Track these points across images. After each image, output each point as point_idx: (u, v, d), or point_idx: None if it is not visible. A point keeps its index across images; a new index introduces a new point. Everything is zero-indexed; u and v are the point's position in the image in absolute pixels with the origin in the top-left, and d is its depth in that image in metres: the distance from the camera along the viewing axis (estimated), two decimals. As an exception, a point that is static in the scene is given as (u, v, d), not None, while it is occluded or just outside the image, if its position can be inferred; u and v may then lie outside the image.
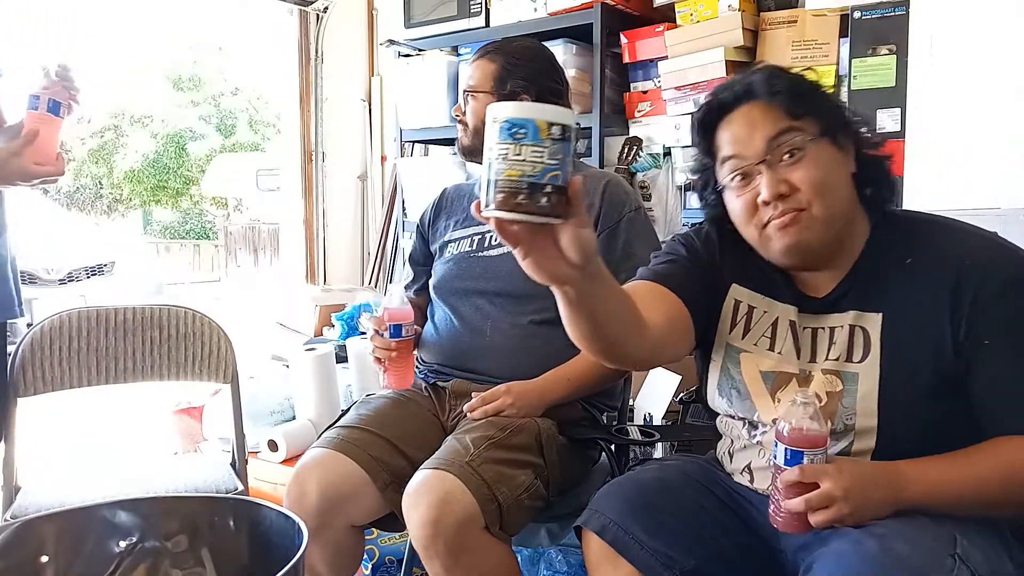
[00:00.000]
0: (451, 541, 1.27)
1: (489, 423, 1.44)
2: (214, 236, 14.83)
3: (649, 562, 1.08)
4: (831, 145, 1.06)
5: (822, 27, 2.35)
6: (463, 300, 1.63)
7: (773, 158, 1.04)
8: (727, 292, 1.18)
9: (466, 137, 1.68)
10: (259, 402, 2.51)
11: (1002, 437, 0.99)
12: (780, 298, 1.15)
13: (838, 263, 1.10)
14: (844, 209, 1.07)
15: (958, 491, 0.97)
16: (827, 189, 1.04)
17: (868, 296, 1.07)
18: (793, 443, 0.97)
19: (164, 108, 15.99)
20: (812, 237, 1.04)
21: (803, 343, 1.12)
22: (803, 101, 1.06)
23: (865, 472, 0.99)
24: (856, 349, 1.07)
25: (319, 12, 3.71)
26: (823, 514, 0.95)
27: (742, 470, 1.17)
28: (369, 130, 3.84)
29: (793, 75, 1.09)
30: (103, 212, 16.72)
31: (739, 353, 1.17)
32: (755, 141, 1.05)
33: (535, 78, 1.64)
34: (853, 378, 1.06)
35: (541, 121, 0.77)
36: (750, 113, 1.07)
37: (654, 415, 2.04)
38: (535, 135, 0.77)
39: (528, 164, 0.77)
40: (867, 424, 1.04)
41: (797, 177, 1.03)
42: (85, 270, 5.28)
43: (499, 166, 0.77)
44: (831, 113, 1.07)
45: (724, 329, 1.18)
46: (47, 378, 1.69)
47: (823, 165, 1.04)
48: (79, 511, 1.07)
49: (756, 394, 1.14)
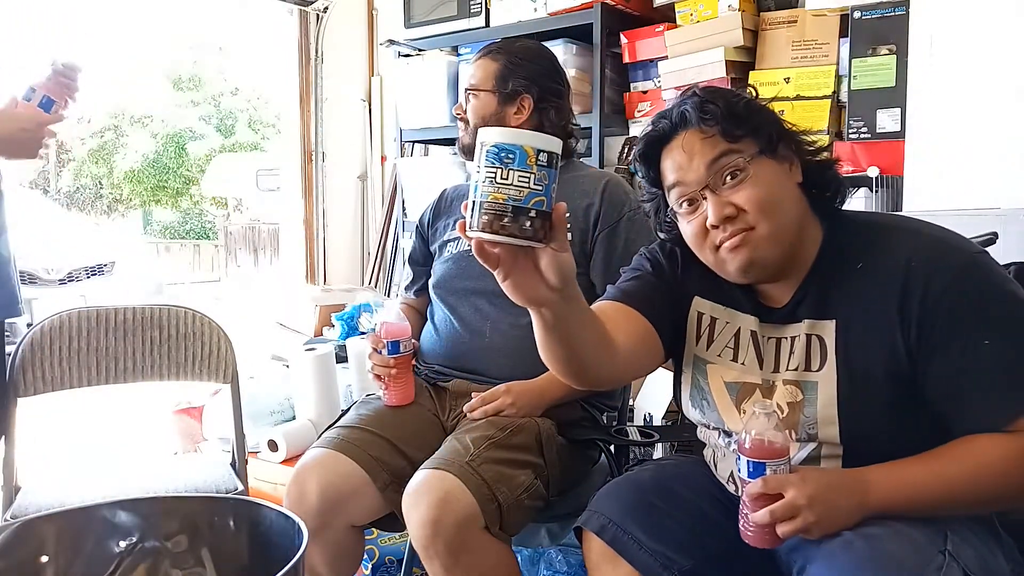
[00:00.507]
0: (451, 541, 1.27)
1: (489, 423, 1.45)
2: (214, 236, 14.83)
3: (648, 562, 1.08)
4: (771, 160, 1.06)
5: (822, 27, 2.35)
6: (462, 300, 1.63)
7: (715, 182, 1.05)
8: (691, 305, 1.19)
9: (467, 136, 1.68)
10: (259, 402, 2.51)
11: (968, 436, 0.98)
12: (740, 308, 1.15)
13: (793, 272, 1.10)
14: (793, 222, 1.06)
15: (926, 494, 0.96)
16: (772, 206, 1.04)
17: (821, 304, 1.07)
18: (755, 455, 0.97)
19: (164, 108, 15.99)
20: (763, 255, 1.05)
21: (766, 353, 1.12)
22: (738, 123, 1.05)
23: (830, 479, 0.98)
24: (814, 358, 1.06)
25: (319, 12, 3.71)
26: (789, 524, 0.95)
27: (727, 479, 1.18)
28: (369, 130, 3.85)
29: (726, 96, 1.08)
30: (103, 212, 16.73)
31: (706, 364, 1.17)
32: (695, 168, 1.06)
33: (536, 78, 1.64)
34: (813, 387, 1.06)
35: (529, 147, 0.80)
36: (687, 140, 1.07)
37: (654, 415, 2.04)
38: (522, 161, 0.80)
39: (514, 188, 0.80)
40: (829, 433, 1.04)
41: (741, 198, 1.04)
42: (85, 270, 5.28)
43: (485, 189, 0.81)
44: (768, 129, 1.07)
45: (691, 341, 1.19)
46: (47, 378, 1.69)
47: (765, 183, 1.04)
48: (79, 511, 1.07)
49: (722, 405, 1.14)
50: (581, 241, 1.59)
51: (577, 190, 1.62)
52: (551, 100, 1.66)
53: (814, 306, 1.07)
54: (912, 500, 0.96)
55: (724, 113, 1.05)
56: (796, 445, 1.06)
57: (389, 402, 1.56)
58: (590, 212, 1.60)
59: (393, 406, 1.56)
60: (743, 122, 1.05)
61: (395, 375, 1.54)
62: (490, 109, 1.64)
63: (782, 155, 1.07)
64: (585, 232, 1.59)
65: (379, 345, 1.55)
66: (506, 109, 1.64)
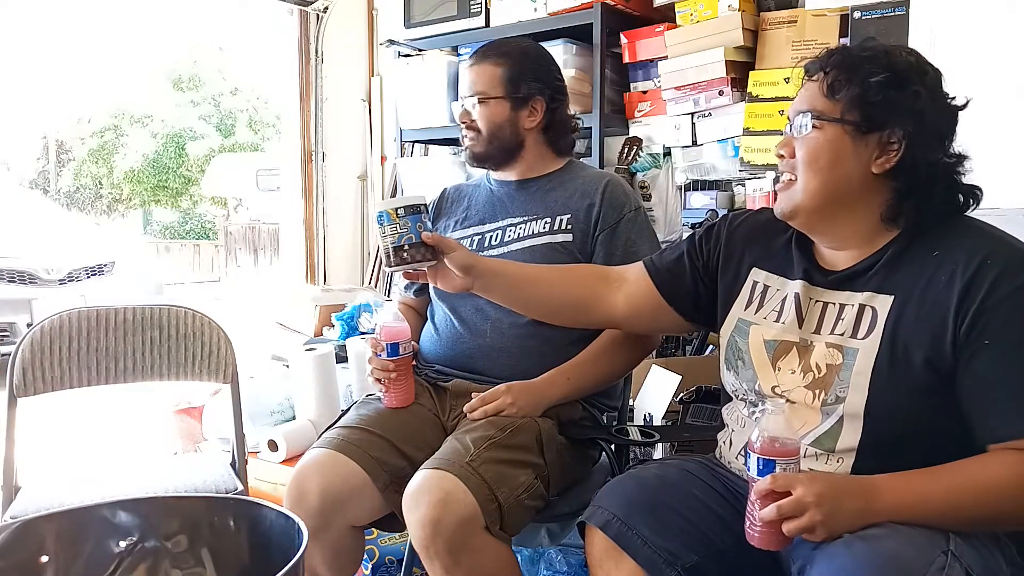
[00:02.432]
0: (451, 541, 1.27)
1: (489, 423, 1.44)
2: (214, 236, 14.83)
3: (652, 558, 1.09)
4: (849, 136, 1.07)
5: (822, 27, 2.35)
6: (463, 300, 1.62)
7: (795, 125, 1.13)
8: (748, 274, 1.25)
9: (478, 144, 1.65)
10: (259, 402, 2.51)
11: (981, 456, 0.99)
12: (790, 276, 1.20)
13: (854, 243, 1.12)
14: (834, 195, 1.09)
15: (932, 506, 0.97)
16: (816, 168, 1.09)
17: (886, 280, 1.09)
18: (765, 453, 0.98)
19: (164, 108, 15.99)
20: (796, 206, 1.12)
21: (809, 314, 1.14)
22: (842, 87, 1.07)
23: (839, 481, 0.99)
24: (862, 327, 1.08)
25: (319, 12, 3.71)
26: (795, 522, 0.95)
27: (738, 454, 1.18)
28: (369, 130, 3.85)
29: (867, 61, 1.08)
30: (103, 212, 16.73)
31: (749, 326, 1.21)
32: (795, 106, 1.14)
33: (545, 78, 1.64)
34: (853, 353, 1.07)
35: (390, 210, 1.31)
36: (808, 83, 1.14)
37: (654, 415, 2.04)
38: (389, 219, 1.31)
39: (391, 236, 1.32)
40: (856, 401, 1.05)
41: (796, 147, 1.12)
42: (85, 270, 5.26)
43: (382, 241, 1.33)
44: (874, 111, 1.06)
45: (740, 306, 1.24)
46: (47, 378, 1.69)
47: (823, 147, 1.09)
48: (79, 511, 1.07)
49: (758, 362, 1.18)
50: (582, 241, 1.59)
51: (578, 191, 1.62)
52: (560, 99, 1.66)
53: (878, 281, 1.09)
54: (918, 509, 0.97)
55: (839, 71, 1.08)
56: (820, 415, 1.09)
57: (389, 404, 1.55)
58: (591, 212, 1.59)
59: (393, 408, 1.56)
60: (849, 89, 1.07)
61: (395, 378, 1.53)
62: (503, 116, 1.62)
63: (872, 143, 1.07)
64: (586, 232, 1.59)
65: (378, 348, 1.53)
66: (519, 113, 1.63)
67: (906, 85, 1.06)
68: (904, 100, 1.06)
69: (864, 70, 1.07)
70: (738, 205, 2.62)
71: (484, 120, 1.64)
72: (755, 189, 2.49)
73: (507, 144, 1.64)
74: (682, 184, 2.71)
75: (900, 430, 1.04)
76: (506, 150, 1.65)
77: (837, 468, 1.07)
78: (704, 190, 2.68)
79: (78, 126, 16.23)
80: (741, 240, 1.28)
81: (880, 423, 1.04)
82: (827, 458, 1.08)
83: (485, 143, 1.65)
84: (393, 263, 1.32)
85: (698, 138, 2.64)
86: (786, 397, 1.13)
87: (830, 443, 1.07)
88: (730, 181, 2.64)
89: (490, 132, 1.64)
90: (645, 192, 2.79)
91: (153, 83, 16.12)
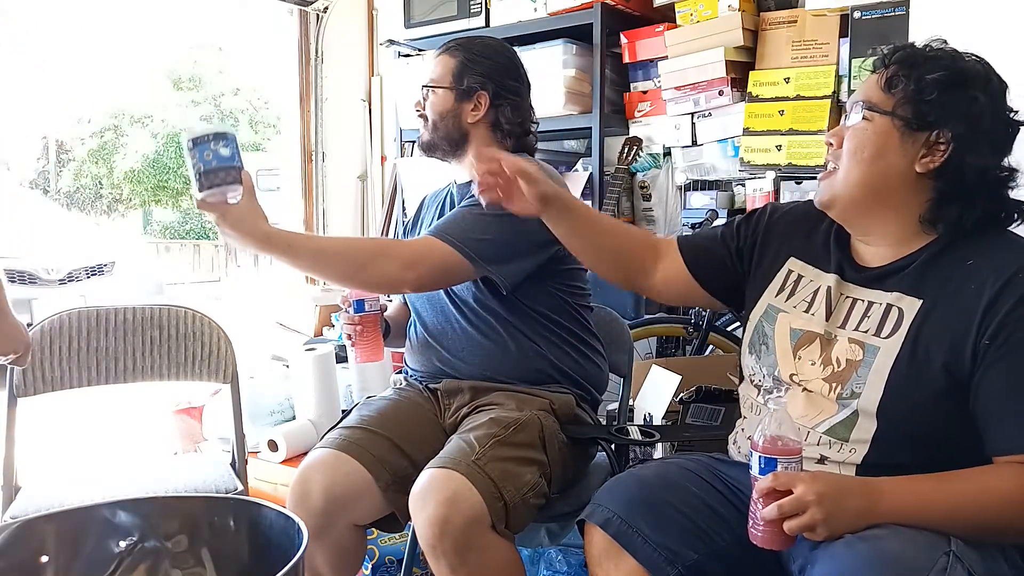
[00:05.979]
0: (458, 540, 1.27)
1: (492, 421, 1.44)
2: (214, 236, 14.80)
3: (652, 556, 1.09)
4: (897, 131, 1.07)
5: (822, 27, 2.35)
6: (428, 304, 1.65)
7: (849, 115, 1.14)
8: (785, 263, 1.26)
9: (426, 132, 1.68)
10: (259, 402, 2.51)
11: (986, 466, 1.00)
12: (825, 269, 1.20)
13: (890, 242, 1.13)
14: (874, 188, 1.10)
15: (934, 512, 0.97)
16: (859, 159, 1.10)
17: (917, 282, 1.09)
18: (767, 451, 0.99)
19: (164, 108, 15.98)
20: (834, 195, 1.13)
21: (838, 309, 1.15)
22: (900, 81, 1.08)
23: (841, 481, 1.00)
24: (887, 326, 1.09)
25: (319, 12, 3.71)
26: (796, 520, 0.95)
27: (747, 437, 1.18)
28: (369, 130, 3.84)
29: (930, 60, 1.08)
30: (103, 212, 16.72)
31: (778, 312, 1.22)
32: (855, 97, 1.14)
33: (493, 75, 1.64)
34: (873, 351, 1.08)
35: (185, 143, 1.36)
36: (870, 76, 1.14)
37: (654, 415, 2.04)
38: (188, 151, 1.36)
39: (192, 169, 1.37)
40: (870, 397, 1.06)
41: (846, 137, 1.12)
42: (85, 270, 5.26)
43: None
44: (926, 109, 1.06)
45: (772, 292, 1.25)
46: (47, 378, 1.69)
47: (869, 139, 1.09)
48: (79, 511, 1.07)
49: (781, 349, 1.19)
50: None
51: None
52: (508, 97, 1.65)
53: (909, 283, 1.09)
54: (920, 514, 0.97)
55: (901, 67, 1.09)
56: (836, 406, 1.09)
57: (358, 360, 1.62)
58: None
59: (362, 363, 1.64)
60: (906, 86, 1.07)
61: (360, 331, 1.59)
62: (447, 105, 1.64)
63: (920, 141, 1.07)
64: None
65: (346, 304, 1.60)
66: (463, 105, 1.64)
67: (964, 88, 1.06)
68: (959, 103, 1.05)
69: (924, 68, 1.07)
70: (738, 205, 2.62)
71: (431, 109, 1.66)
72: (755, 189, 2.49)
73: (451, 135, 1.65)
74: (682, 184, 2.71)
75: (911, 430, 1.04)
76: (451, 141, 1.66)
77: (849, 457, 1.07)
78: (704, 190, 2.68)
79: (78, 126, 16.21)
80: (781, 229, 1.29)
81: (892, 422, 1.05)
82: (840, 447, 1.08)
83: (431, 131, 1.67)
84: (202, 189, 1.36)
85: (698, 138, 2.64)
86: (803, 386, 1.13)
87: (844, 432, 1.08)
88: (730, 181, 2.64)
89: (434, 121, 1.65)
90: (645, 192, 2.79)
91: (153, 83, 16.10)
